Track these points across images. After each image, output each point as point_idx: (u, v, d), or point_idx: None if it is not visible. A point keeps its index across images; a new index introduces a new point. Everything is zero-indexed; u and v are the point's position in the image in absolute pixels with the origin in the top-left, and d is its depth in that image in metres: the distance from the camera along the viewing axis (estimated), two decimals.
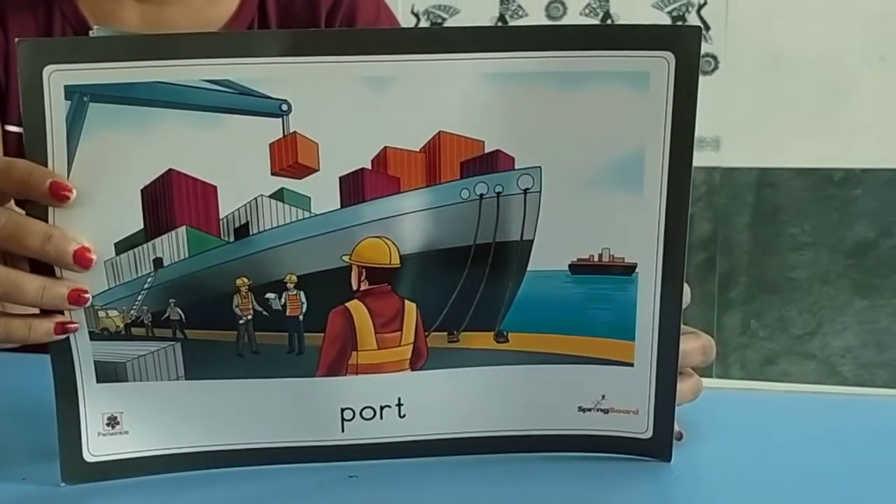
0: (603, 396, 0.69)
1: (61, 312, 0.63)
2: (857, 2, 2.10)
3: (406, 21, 2.27)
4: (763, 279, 2.22)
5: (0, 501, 0.64)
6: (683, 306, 0.71)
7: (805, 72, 2.13)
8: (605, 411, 0.69)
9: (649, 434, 0.69)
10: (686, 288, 0.71)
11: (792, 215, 2.19)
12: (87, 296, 0.63)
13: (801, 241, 2.20)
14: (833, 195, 2.17)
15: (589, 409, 0.69)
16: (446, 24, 2.29)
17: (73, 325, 0.63)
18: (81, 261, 0.61)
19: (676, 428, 0.70)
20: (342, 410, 0.68)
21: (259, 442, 0.68)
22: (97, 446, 0.67)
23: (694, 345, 0.71)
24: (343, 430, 0.68)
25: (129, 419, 0.67)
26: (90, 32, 0.68)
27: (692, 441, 0.72)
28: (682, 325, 0.72)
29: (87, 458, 0.67)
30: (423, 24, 2.29)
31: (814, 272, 2.20)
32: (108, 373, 0.66)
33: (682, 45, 0.64)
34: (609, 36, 0.64)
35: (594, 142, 0.65)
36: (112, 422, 0.67)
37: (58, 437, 0.66)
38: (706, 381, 0.74)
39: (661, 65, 0.64)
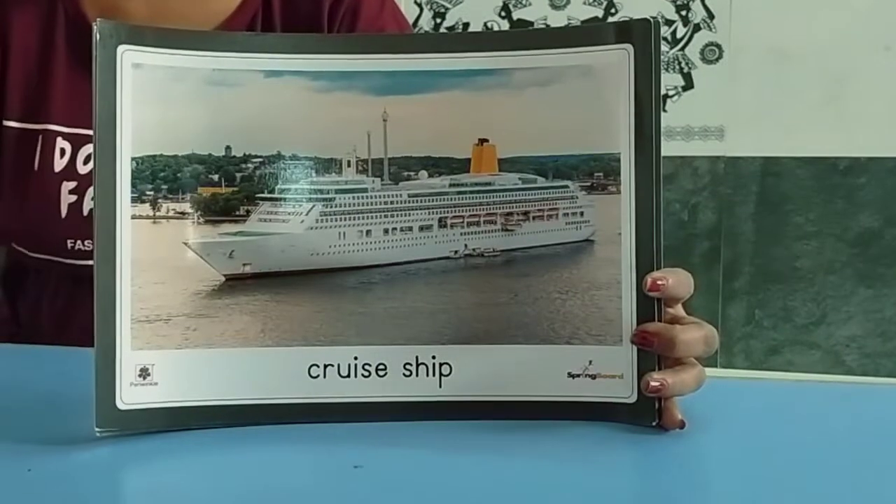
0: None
1: None
2: None
3: (409, 11, 2.26)
4: (768, 268, 2.22)
5: (7, 492, 0.64)
6: (687, 296, 0.74)
7: (809, 61, 2.14)
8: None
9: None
10: (690, 278, 0.73)
11: (797, 204, 2.20)
12: None
13: (805, 231, 2.20)
14: (838, 184, 2.18)
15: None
16: (449, 14, 2.29)
17: None
18: None
19: (679, 416, 0.71)
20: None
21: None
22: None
23: (696, 335, 0.72)
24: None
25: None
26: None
27: (696, 430, 0.72)
28: (686, 315, 0.75)
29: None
30: (427, 13, 2.29)
31: (818, 261, 2.20)
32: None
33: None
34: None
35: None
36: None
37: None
38: (710, 371, 0.74)
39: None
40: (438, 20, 2.28)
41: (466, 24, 2.27)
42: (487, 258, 0.76)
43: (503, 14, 2.27)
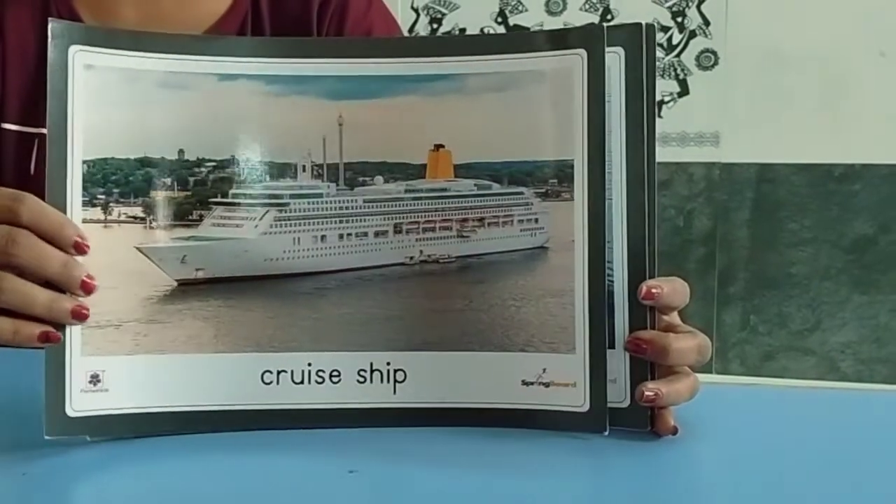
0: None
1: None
2: None
3: (406, 17, 2.27)
4: (763, 275, 2.22)
5: (1, 496, 0.65)
6: (682, 305, 0.73)
7: (805, 67, 2.13)
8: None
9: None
10: (686, 287, 0.73)
11: (791, 211, 2.19)
12: (87, 312, 0.71)
13: (800, 237, 2.20)
14: (833, 191, 2.17)
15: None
16: (446, 20, 2.29)
17: (55, 335, 0.70)
18: (86, 288, 0.71)
19: (672, 423, 0.71)
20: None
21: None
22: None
23: (689, 344, 0.72)
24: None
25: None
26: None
27: (689, 436, 0.72)
28: (680, 324, 0.74)
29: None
30: (423, 19, 2.30)
31: (813, 268, 2.20)
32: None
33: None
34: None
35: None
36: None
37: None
38: (705, 377, 0.74)
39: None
40: (435, 26, 2.29)
41: (463, 30, 2.26)
42: (442, 264, 0.76)
43: (499, 20, 2.27)
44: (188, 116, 0.74)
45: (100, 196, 0.73)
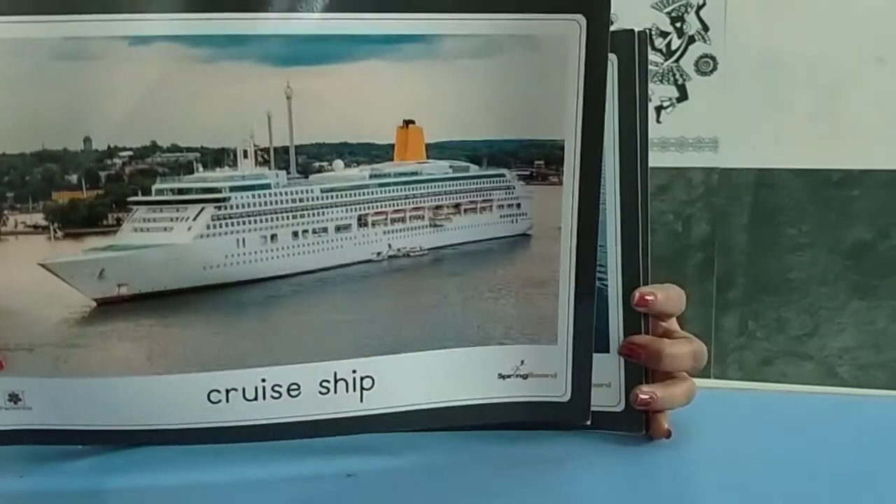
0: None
1: None
2: (855, 3, 2.09)
3: None
4: (761, 280, 2.21)
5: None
6: (678, 312, 0.72)
7: (803, 72, 2.12)
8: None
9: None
10: (681, 294, 0.71)
11: (790, 216, 2.18)
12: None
13: (799, 242, 2.19)
14: (831, 196, 2.16)
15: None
16: None
17: None
18: None
19: (666, 426, 0.71)
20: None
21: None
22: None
23: (684, 349, 0.71)
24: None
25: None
26: None
27: (685, 440, 0.71)
28: (677, 330, 0.73)
29: None
30: None
31: (812, 273, 2.19)
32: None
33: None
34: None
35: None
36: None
37: None
38: (704, 382, 0.73)
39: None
40: None
41: None
42: (414, 258, 0.66)
43: None
44: (93, 94, 0.59)
45: None
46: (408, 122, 0.64)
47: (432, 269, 0.68)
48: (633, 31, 0.67)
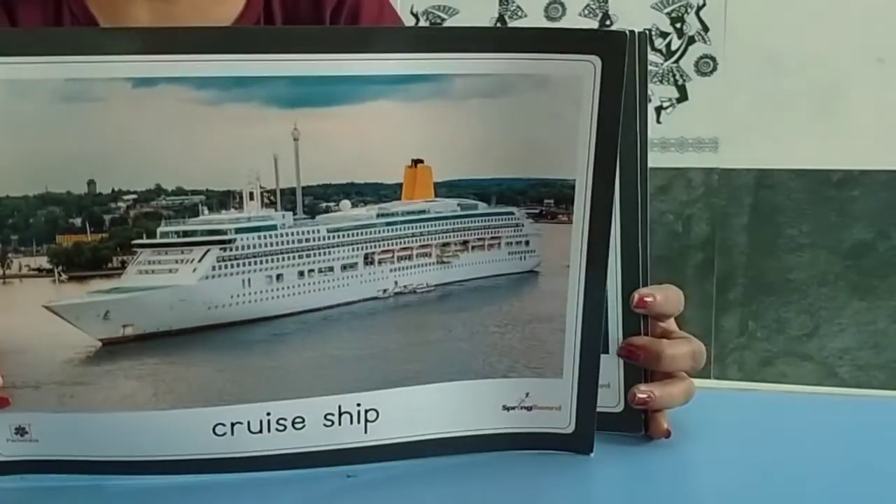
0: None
1: None
2: (854, 3, 2.09)
3: (406, 21, 2.27)
4: (761, 280, 2.21)
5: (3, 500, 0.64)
6: (676, 313, 0.72)
7: (803, 73, 2.11)
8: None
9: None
10: (680, 295, 0.71)
11: (790, 216, 2.18)
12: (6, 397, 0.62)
13: (799, 243, 2.19)
14: (831, 196, 2.16)
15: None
16: (445, 24, 2.29)
17: (2, 401, 0.63)
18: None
19: (665, 426, 0.71)
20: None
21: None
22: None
23: (683, 350, 0.71)
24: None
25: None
26: None
27: (685, 440, 0.71)
28: (676, 330, 0.73)
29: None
30: (423, 23, 2.30)
31: (812, 273, 2.19)
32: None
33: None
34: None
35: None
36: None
37: None
38: (703, 382, 0.73)
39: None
40: None
41: None
42: (420, 294, 0.66)
43: (499, 25, 2.27)
44: (97, 137, 0.58)
45: None
46: (416, 162, 0.63)
47: (439, 305, 0.67)
48: (625, 33, 0.64)
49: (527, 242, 0.68)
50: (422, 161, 0.63)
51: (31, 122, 0.58)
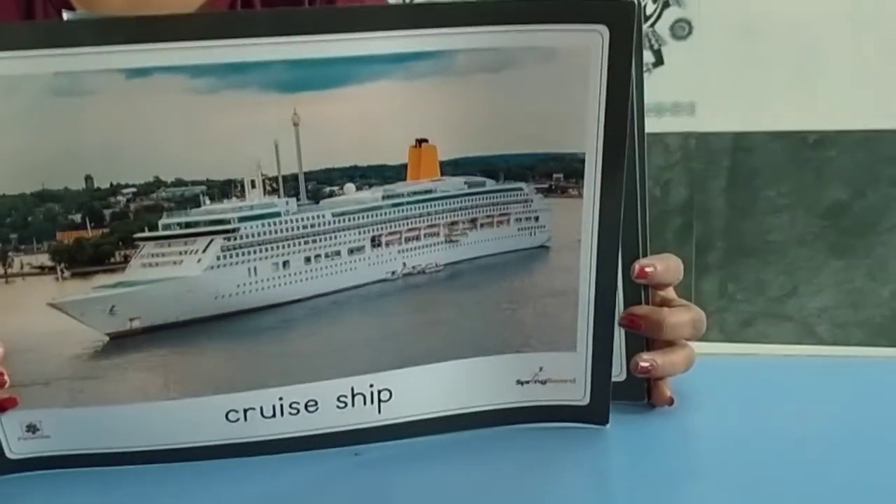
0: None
1: None
2: None
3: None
4: (740, 242, 2.22)
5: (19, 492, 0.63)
6: (676, 282, 0.72)
7: (778, 36, 2.12)
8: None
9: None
10: (679, 263, 0.72)
11: (767, 179, 2.19)
12: (3, 378, 0.61)
13: (776, 204, 2.20)
14: (808, 157, 2.17)
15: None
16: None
17: (9, 402, 0.62)
18: None
19: (668, 394, 0.71)
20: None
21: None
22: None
23: (684, 318, 0.71)
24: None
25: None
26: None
27: (688, 408, 0.72)
28: (675, 298, 0.73)
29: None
30: None
31: (790, 234, 2.20)
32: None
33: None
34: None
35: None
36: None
37: None
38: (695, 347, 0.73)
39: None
40: None
41: None
42: (429, 274, 0.65)
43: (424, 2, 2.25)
44: (92, 131, 0.57)
45: None
46: (420, 141, 0.62)
47: (449, 284, 0.66)
48: (634, 2, 0.61)
49: (536, 218, 0.67)
50: (426, 140, 0.62)
51: (22, 119, 0.56)
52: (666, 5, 2.19)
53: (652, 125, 2.28)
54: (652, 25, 2.20)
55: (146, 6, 0.99)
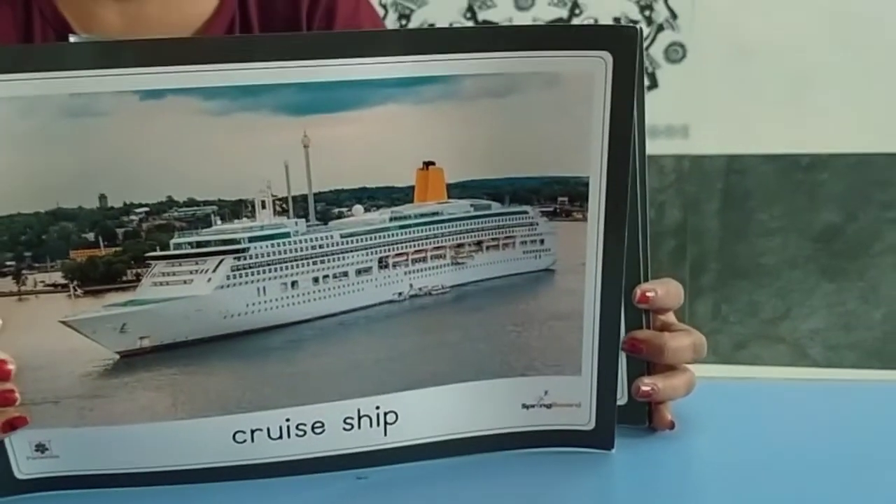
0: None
1: None
2: None
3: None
4: (733, 265, 2.23)
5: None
6: (677, 306, 0.72)
7: (771, 59, 2.13)
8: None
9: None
10: (680, 288, 0.72)
11: (760, 201, 2.20)
12: (14, 395, 0.61)
13: (769, 227, 2.21)
14: (800, 180, 2.18)
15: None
16: (414, 15, 2.26)
17: (20, 420, 0.62)
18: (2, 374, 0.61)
19: (669, 418, 0.71)
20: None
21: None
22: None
23: (685, 342, 0.71)
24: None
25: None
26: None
27: (689, 432, 0.72)
28: (675, 322, 0.73)
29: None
30: (392, 15, 2.26)
31: (782, 257, 2.21)
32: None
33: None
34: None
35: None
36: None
37: None
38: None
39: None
40: (403, 21, 2.26)
41: (431, 26, 2.26)
42: (435, 296, 0.66)
43: (468, 15, 2.25)
44: (106, 151, 0.58)
45: (8, 263, 0.59)
46: (427, 164, 0.63)
47: (455, 306, 0.67)
48: (637, 28, 0.63)
49: (542, 241, 0.68)
50: (433, 163, 0.63)
51: (37, 139, 0.57)
52: (660, 29, 2.20)
53: (646, 147, 2.29)
54: (646, 49, 2.21)
55: (144, 29, 1.00)
